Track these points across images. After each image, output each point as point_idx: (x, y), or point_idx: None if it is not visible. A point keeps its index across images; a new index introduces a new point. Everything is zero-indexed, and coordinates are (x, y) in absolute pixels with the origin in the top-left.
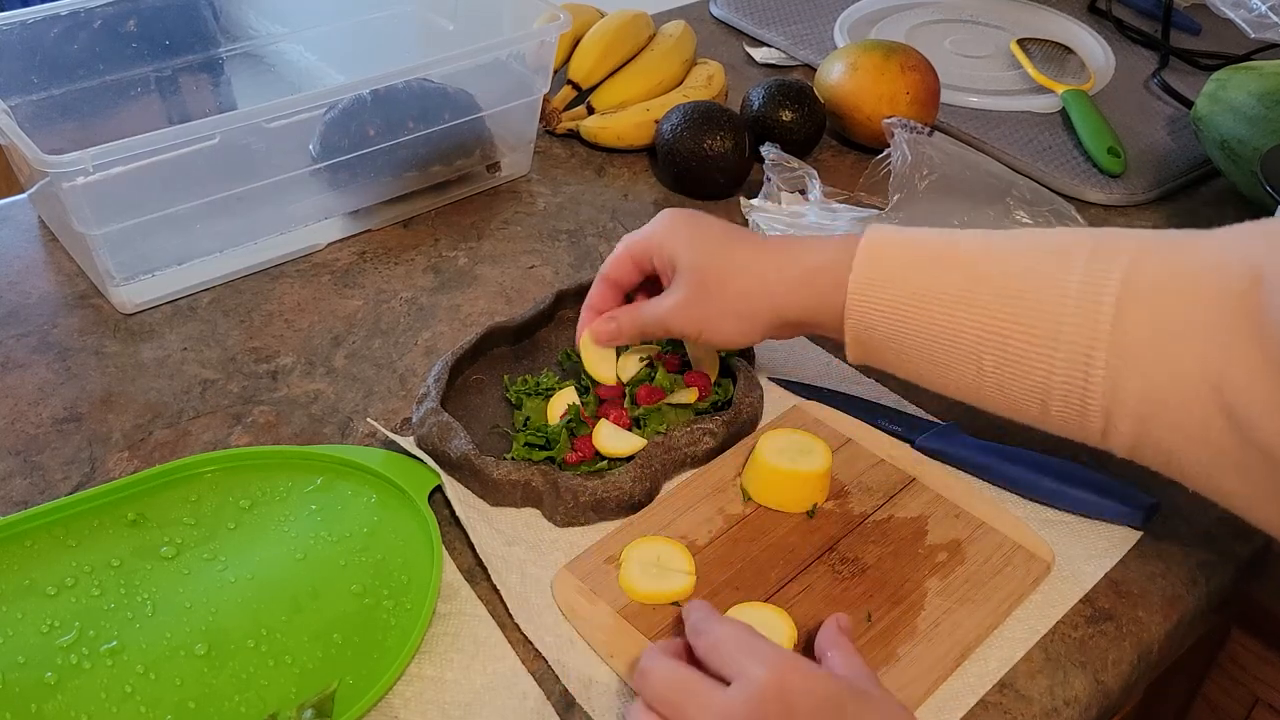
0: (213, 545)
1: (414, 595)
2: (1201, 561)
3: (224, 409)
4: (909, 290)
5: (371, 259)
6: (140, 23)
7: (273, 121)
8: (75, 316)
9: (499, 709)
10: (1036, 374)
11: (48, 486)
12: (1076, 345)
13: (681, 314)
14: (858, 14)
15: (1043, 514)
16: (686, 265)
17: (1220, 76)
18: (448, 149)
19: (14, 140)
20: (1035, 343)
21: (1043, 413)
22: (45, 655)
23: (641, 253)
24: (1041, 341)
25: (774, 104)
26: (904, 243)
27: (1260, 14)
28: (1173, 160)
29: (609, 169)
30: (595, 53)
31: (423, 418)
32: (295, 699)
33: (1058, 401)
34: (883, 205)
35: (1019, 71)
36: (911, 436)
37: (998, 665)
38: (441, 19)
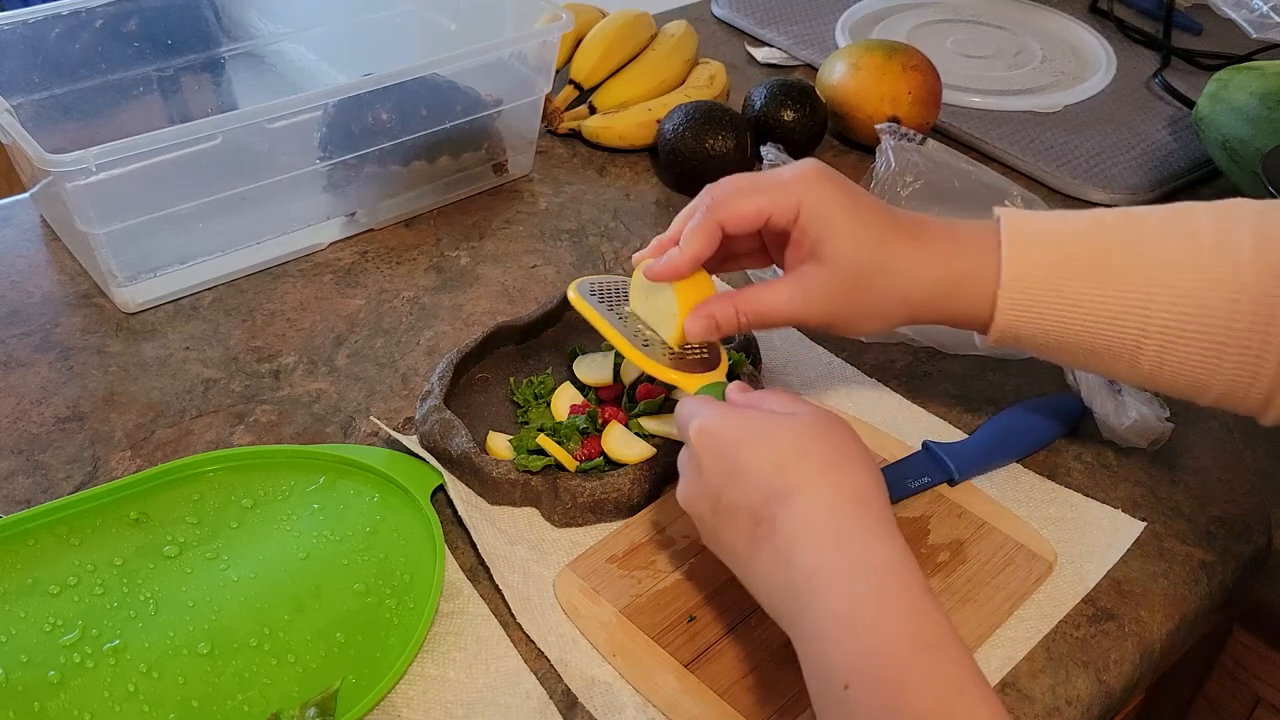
0: (215, 544)
1: (416, 594)
2: (1203, 561)
3: (226, 408)
4: (1064, 295)
5: (373, 258)
6: (142, 22)
7: (274, 121)
8: (78, 316)
9: (502, 708)
10: (1200, 372)
11: (50, 485)
12: (1246, 351)
13: (820, 312)
14: (859, 14)
15: (1045, 512)
16: (839, 259)
17: (1222, 76)
18: (457, 142)
19: (17, 140)
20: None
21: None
22: (48, 654)
23: (784, 216)
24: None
25: (776, 104)
26: (1049, 235)
27: (1262, 14)
28: (1174, 160)
29: (611, 169)
30: (597, 52)
31: (425, 414)
32: (298, 698)
33: (1216, 393)
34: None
35: (1020, 71)
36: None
37: (1000, 665)
38: (443, 18)
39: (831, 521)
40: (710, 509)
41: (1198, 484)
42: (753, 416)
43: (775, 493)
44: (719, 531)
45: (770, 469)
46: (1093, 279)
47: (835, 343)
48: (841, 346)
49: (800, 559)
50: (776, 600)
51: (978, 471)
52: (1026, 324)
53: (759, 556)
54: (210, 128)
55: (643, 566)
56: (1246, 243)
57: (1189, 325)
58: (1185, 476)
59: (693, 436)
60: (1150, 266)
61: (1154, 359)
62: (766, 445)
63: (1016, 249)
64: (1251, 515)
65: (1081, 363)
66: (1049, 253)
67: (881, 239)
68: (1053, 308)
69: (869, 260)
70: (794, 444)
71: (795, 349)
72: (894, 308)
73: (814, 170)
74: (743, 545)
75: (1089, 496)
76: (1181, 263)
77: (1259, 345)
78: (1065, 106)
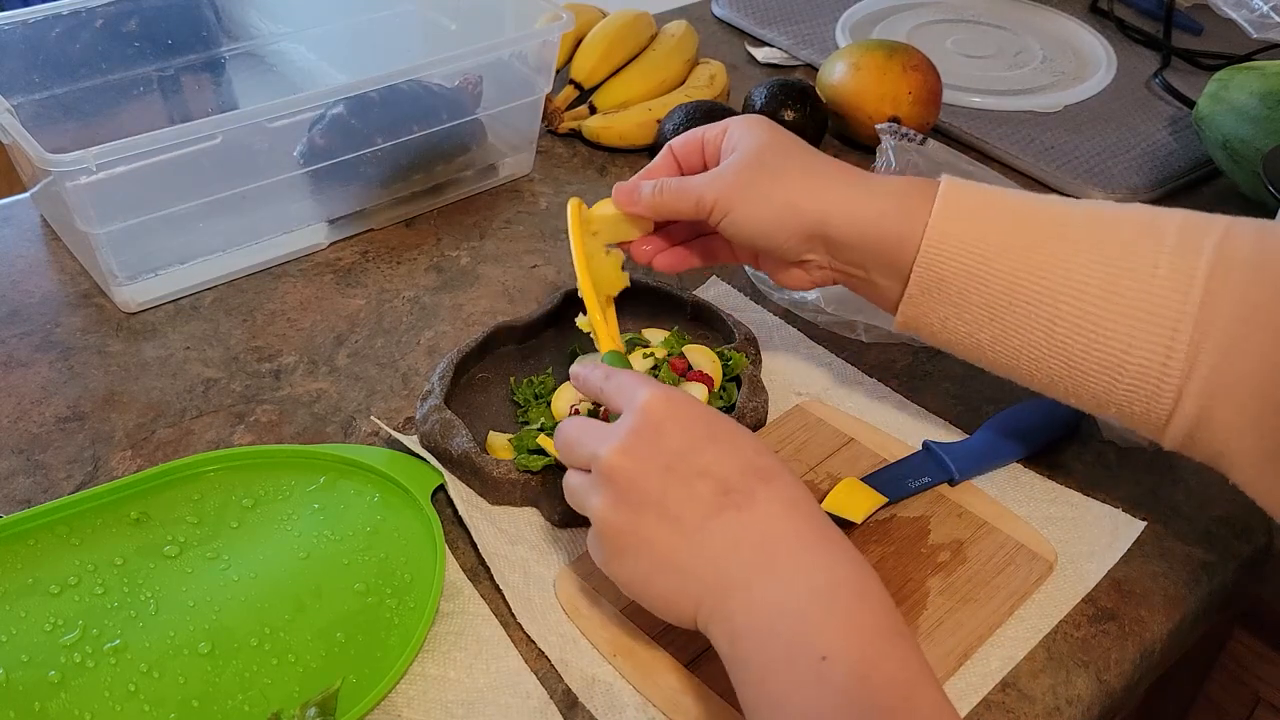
0: (216, 544)
1: (417, 594)
2: (1203, 561)
3: (227, 408)
4: (991, 241)
5: (374, 258)
6: (142, 22)
7: (275, 121)
8: (78, 316)
9: (502, 708)
10: (1115, 344)
11: (51, 485)
12: (1163, 319)
13: (723, 183)
14: (860, 14)
15: (1045, 512)
16: (751, 144)
17: (1222, 76)
18: (445, 146)
19: (17, 139)
20: (1119, 311)
21: (1109, 389)
22: (49, 654)
23: (715, 135)
24: (1126, 311)
25: (776, 104)
26: (986, 194)
27: (1262, 14)
28: (1174, 160)
29: (611, 169)
30: (597, 52)
31: (426, 414)
32: (298, 698)
33: (1131, 377)
34: None
35: (1021, 71)
36: (950, 475)
37: (1000, 665)
38: (444, 18)
39: (811, 512)
40: (663, 468)
41: (1198, 484)
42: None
43: (756, 469)
44: (666, 491)
45: (750, 447)
46: (1024, 231)
47: (835, 343)
48: (841, 347)
49: (782, 532)
50: (727, 569)
51: (978, 471)
52: (952, 260)
53: (721, 522)
54: (210, 128)
55: None
56: (1171, 229)
57: (1106, 286)
58: (1185, 476)
59: (653, 399)
60: (1080, 229)
61: (1070, 324)
62: (741, 429)
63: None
64: (1251, 515)
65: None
66: (985, 201)
67: (799, 145)
68: (981, 244)
69: (779, 151)
70: (760, 441)
71: (795, 349)
72: (799, 197)
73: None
74: (698, 509)
75: (1089, 496)
76: (1109, 231)
77: (1175, 315)
78: (1065, 106)
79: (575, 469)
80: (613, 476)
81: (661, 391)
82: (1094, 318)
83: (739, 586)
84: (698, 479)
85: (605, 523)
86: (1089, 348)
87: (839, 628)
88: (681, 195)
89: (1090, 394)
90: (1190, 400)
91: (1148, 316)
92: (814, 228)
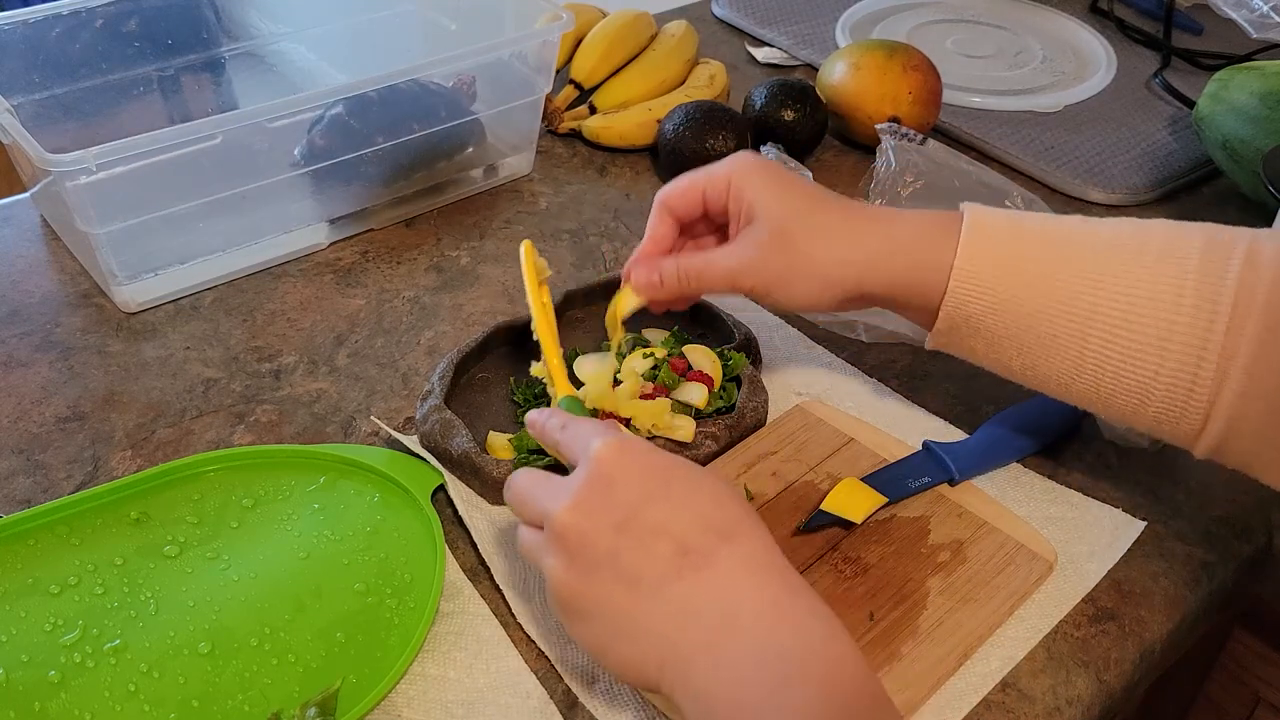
0: (216, 544)
1: (417, 594)
2: (1204, 561)
3: (226, 408)
4: (1018, 276)
5: (374, 258)
6: (142, 22)
7: (275, 121)
8: (78, 315)
9: (502, 707)
10: (1144, 371)
11: (51, 485)
12: (1189, 346)
13: (756, 265)
14: (860, 14)
15: (1045, 512)
16: (769, 214)
17: (1222, 76)
18: (444, 146)
19: (17, 139)
20: (1146, 339)
21: (1138, 409)
22: (49, 654)
23: (717, 190)
24: (1153, 340)
25: (776, 104)
26: (1011, 226)
27: (1262, 14)
28: (1174, 160)
29: (611, 169)
30: (597, 52)
31: (426, 414)
32: (298, 697)
33: (1158, 400)
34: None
35: (1021, 71)
36: (950, 475)
37: (1000, 664)
38: (444, 18)
39: (774, 567)
40: (616, 526)
41: (1198, 484)
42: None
43: (716, 528)
44: (619, 552)
45: (709, 502)
46: (1047, 263)
47: (835, 343)
48: (841, 347)
49: (744, 592)
50: (686, 636)
51: (978, 471)
52: (978, 300)
53: (679, 585)
54: (210, 127)
55: None
56: (1195, 249)
57: (1134, 313)
58: (1185, 476)
59: (606, 451)
60: (1102, 259)
61: (1099, 352)
62: (701, 479)
63: (975, 229)
64: (1251, 515)
65: (1028, 360)
66: (1008, 234)
67: (813, 203)
68: (1006, 281)
69: (800, 217)
70: (721, 488)
71: (795, 349)
72: (832, 269)
73: (744, 154)
74: (655, 570)
75: (1089, 496)
76: (1132, 258)
77: (1201, 339)
78: (1065, 106)
79: (528, 526)
80: (564, 535)
81: (615, 441)
82: (1121, 347)
83: (702, 650)
84: (653, 538)
85: (559, 584)
86: (1117, 375)
87: (805, 704)
88: (712, 280)
89: (1120, 412)
90: (1218, 417)
91: (1176, 345)
92: (850, 293)
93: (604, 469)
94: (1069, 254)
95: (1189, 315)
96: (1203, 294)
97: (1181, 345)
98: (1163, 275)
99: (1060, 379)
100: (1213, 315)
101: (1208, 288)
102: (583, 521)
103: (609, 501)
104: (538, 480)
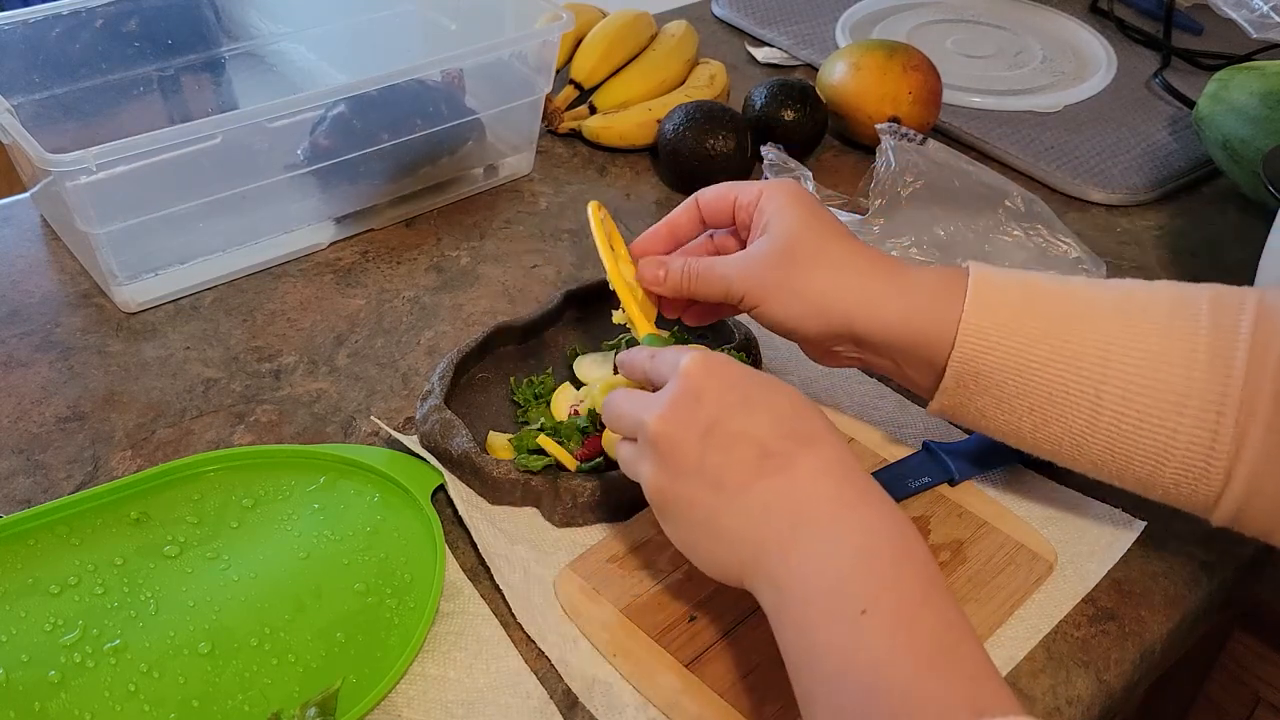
0: (216, 544)
1: (417, 594)
2: (1204, 561)
3: (226, 408)
4: (1028, 332)
5: (374, 258)
6: (142, 22)
7: (275, 121)
8: (78, 315)
9: (502, 708)
10: (1161, 430)
11: (51, 485)
12: (1207, 403)
13: (753, 274)
14: (860, 14)
15: (1045, 512)
16: (781, 231)
17: (1222, 76)
18: (443, 145)
19: (17, 139)
20: (1162, 397)
21: (1155, 472)
22: (49, 654)
23: (747, 200)
24: (1169, 397)
25: (776, 104)
26: (1018, 283)
27: (1262, 14)
28: (1174, 160)
29: (611, 169)
30: (597, 52)
31: (426, 414)
32: (298, 698)
33: (1176, 463)
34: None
35: (1021, 71)
36: (950, 475)
37: (1000, 665)
38: (444, 18)
39: (851, 474)
40: (702, 433)
41: None
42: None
43: (796, 434)
44: (705, 457)
45: (789, 410)
46: (1057, 320)
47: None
48: None
49: (822, 494)
50: (766, 532)
51: (978, 471)
52: (988, 355)
53: (761, 487)
54: (210, 127)
55: (643, 566)
56: (1204, 308)
57: (1149, 372)
58: None
59: (693, 366)
60: (1112, 316)
61: (1114, 412)
62: (779, 389)
63: (982, 284)
64: None
65: (1039, 419)
66: (1016, 291)
67: (829, 233)
68: (1016, 336)
69: (810, 241)
70: (800, 398)
71: (795, 349)
72: (826, 295)
73: (785, 179)
74: (738, 473)
75: (1089, 496)
76: (1141, 314)
77: (1219, 397)
78: (1065, 106)
79: (625, 439)
80: (656, 443)
81: (701, 356)
82: (1138, 405)
83: (781, 547)
84: (736, 443)
85: (654, 488)
86: (1134, 434)
87: (879, 584)
88: (710, 282)
89: (1135, 478)
90: (1239, 480)
91: (1192, 402)
92: (840, 327)
93: (692, 382)
94: (1078, 310)
95: (1204, 371)
96: (1216, 350)
97: (1200, 403)
98: (1175, 331)
99: (1073, 440)
100: (1228, 372)
101: (1221, 344)
102: (673, 430)
103: (696, 411)
104: (632, 396)
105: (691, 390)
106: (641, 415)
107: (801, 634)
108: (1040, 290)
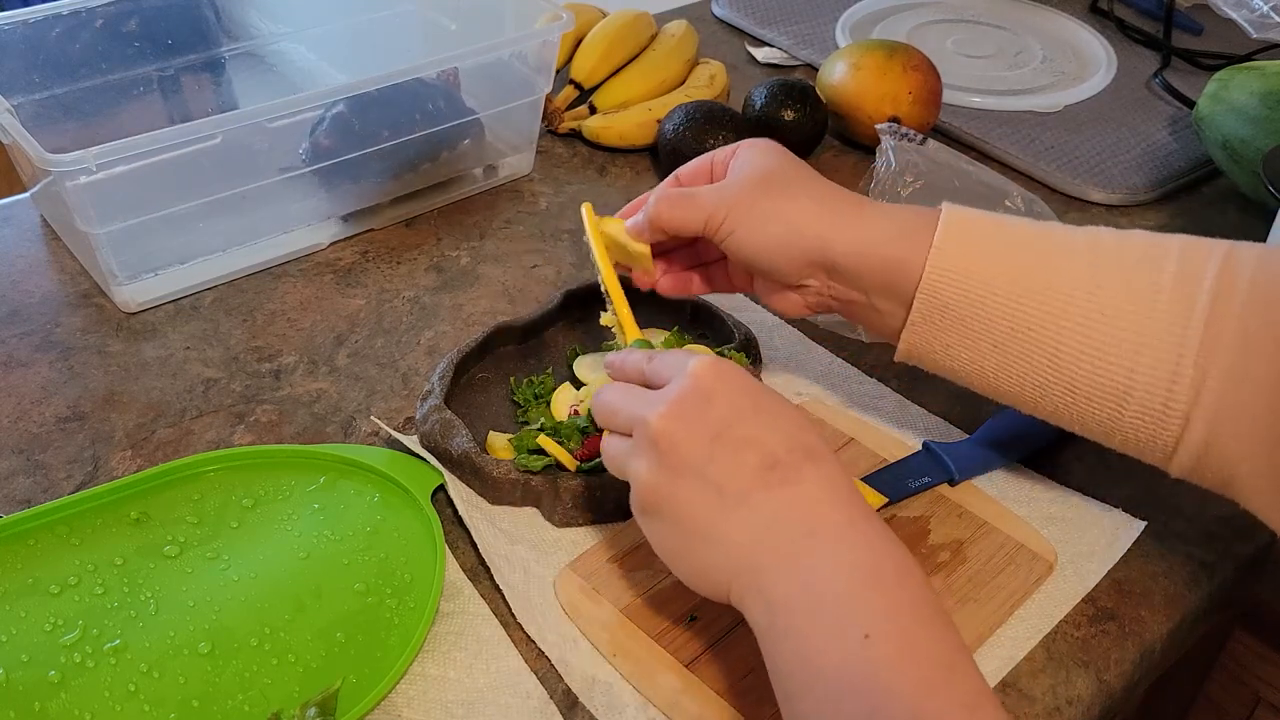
0: (216, 544)
1: (417, 594)
2: (1204, 561)
3: (226, 408)
4: (994, 268)
5: (374, 258)
6: (142, 22)
7: (275, 121)
8: (78, 315)
9: (502, 708)
10: (1119, 371)
11: (51, 485)
12: (1167, 345)
13: (731, 198)
14: (860, 14)
15: (1045, 512)
16: (760, 164)
17: (1222, 76)
18: (441, 145)
19: (17, 139)
20: (1123, 338)
21: (1115, 416)
22: (49, 654)
23: (724, 157)
24: (1130, 338)
25: (776, 104)
26: (990, 222)
27: (1262, 14)
28: (1174, 160)
29: (611, 169)
30: (597, 52)
31: (426, 414)
32: (298, 697)
33: (1136, 403)
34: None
35: (1021, 71)
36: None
37: (1000, 665)
38: (444, 18)
39: (852, 493)
40: (711, 437)
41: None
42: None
43: (802, 446)
44: (710, 461)
45: (795, 423)
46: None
47: (835, 342)
48: (841, 346)
49: (826, 510)
50: (767, 542)
51: (978, 471)
52: (955, 287)
53: (765, 497)
54: (210, 127)
55: (643, 566)
56: (1172, 255)
57: (1110, 312)
58: None
59: (703, 368)
60: (1079, 257)
61: (1074, 350)
62: (787, 405)
63: (953, 223)
64: (1252, 515)
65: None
66: (988, 229)
67: (803, 171)
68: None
69: (786, 172)
70: (804, 415)
71: (795, 349)
72: (802, 219)
73: (759, 138)
74: (742, 480)
75: (1089, 496)
76: (1110, 259)
77: (1178, 341)
78: (1065, 106)
79: (616, 434)
80: (657, 440)
81: (712, 359)
82: (1098, 344)
83: (780, 560)
84: (745, 448)
85: (645, 486)
86: (1093, 374)
87: (882, 606)
88: (687, 205)
89: (1096, 421)
90: (1197, 426)
91: (1152, 343)
92: (815, 252)
93: (703, 383)
94: (1047, 249)
95: (1165, 314)
96: (1179, 295)
97: (1158, 344)
98: (1139, 276)
99: (1035, 380)
100: (1189, 316)
101: (1185, 289)
102: (678, 429)
103: (705, 413)
104: (629, 391)
105: (702, 391)
106: (641, 411)
107: (797, 651)
108: (1012, 230)
